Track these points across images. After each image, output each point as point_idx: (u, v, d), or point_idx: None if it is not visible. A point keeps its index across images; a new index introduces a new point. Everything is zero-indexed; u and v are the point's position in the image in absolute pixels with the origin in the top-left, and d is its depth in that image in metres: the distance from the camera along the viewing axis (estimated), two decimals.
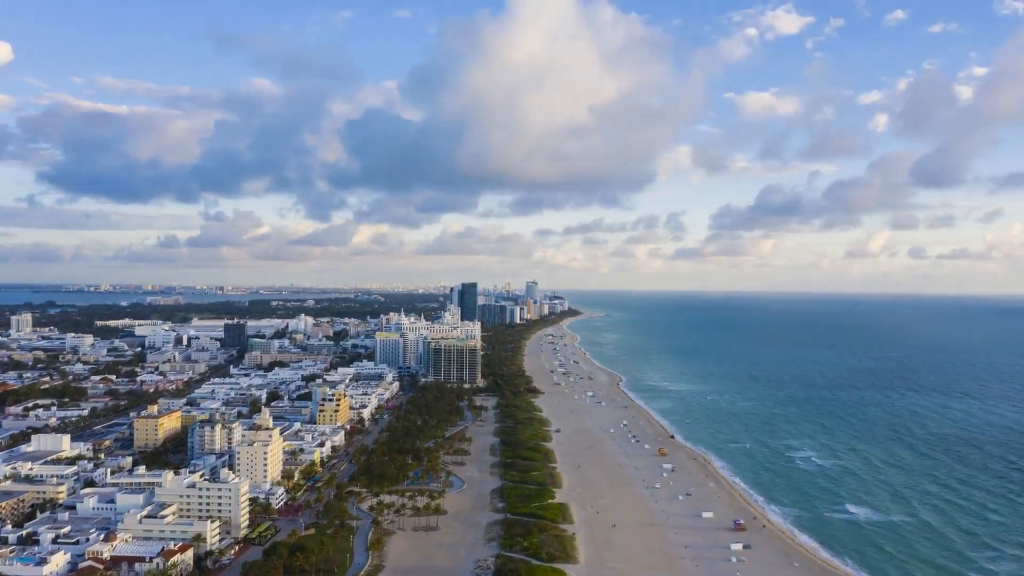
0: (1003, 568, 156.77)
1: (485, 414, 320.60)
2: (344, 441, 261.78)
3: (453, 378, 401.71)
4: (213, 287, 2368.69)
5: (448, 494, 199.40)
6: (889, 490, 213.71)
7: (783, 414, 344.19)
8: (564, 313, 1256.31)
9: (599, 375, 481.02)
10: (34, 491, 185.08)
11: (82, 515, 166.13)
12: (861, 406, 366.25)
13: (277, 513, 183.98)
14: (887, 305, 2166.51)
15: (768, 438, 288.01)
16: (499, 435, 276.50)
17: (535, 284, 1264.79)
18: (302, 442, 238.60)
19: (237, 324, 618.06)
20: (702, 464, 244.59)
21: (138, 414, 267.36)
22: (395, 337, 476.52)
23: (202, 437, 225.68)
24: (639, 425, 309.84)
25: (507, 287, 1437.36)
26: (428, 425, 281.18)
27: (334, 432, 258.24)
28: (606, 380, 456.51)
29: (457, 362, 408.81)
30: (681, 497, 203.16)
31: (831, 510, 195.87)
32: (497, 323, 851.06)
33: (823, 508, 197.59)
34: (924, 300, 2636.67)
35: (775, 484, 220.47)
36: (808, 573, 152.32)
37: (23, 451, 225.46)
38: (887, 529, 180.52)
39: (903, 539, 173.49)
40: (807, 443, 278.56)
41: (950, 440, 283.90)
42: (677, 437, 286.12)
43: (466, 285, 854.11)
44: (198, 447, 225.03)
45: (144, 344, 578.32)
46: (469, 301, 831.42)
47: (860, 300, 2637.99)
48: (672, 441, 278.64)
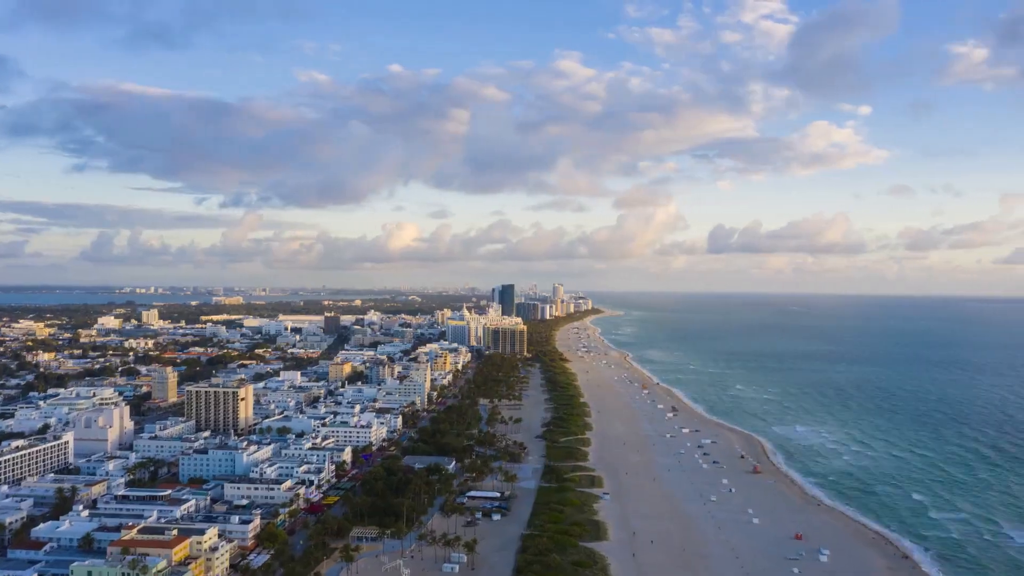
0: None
1: (533, 370, 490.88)
2: (452, 379, 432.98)
3: (508, 351, 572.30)
4: (248, 288, 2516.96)
5: (522, 398, 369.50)
6: (808, 412, 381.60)
7: (728, 373, 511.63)
8: (587, 311, 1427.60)
9: (612, 352, 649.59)
10: (308, 393, 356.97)
11: (348, 396, 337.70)
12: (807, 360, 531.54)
13: (436, 402, 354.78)
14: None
15: (717, 384, 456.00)
16: (544, 379, 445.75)
17: (559, 286, 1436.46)
18: (433, 376, 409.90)
19: (335, 317, 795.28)
20: (668, 391, 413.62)
21: (328, 364, 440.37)
22: (462, 323, 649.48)
23: (378, 371, 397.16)
24: (634, 376, 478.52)
25: (533, 289, 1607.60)
26: (500, 372, 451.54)
27: (446, 374, 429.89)
28: (617, 355, 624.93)
29: (510, 340, 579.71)
30: (649, 402, 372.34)
31: (724, 404, 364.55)
32: (530, 318, 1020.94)
33: (720, 403, 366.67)
34: None
35: (708, 400, 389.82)
36: (703, 423, 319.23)
37: (276, 379, 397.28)
38: (772, 405, 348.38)
39: (767, 412, 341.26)
40: (739, 384, 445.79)
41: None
42: (656, 379, 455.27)
43: (505, 286, 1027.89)
44: (376, 376, 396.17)
45: (263, 332, 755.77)
46: (507, 299, 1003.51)
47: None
48: (652, 382, 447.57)
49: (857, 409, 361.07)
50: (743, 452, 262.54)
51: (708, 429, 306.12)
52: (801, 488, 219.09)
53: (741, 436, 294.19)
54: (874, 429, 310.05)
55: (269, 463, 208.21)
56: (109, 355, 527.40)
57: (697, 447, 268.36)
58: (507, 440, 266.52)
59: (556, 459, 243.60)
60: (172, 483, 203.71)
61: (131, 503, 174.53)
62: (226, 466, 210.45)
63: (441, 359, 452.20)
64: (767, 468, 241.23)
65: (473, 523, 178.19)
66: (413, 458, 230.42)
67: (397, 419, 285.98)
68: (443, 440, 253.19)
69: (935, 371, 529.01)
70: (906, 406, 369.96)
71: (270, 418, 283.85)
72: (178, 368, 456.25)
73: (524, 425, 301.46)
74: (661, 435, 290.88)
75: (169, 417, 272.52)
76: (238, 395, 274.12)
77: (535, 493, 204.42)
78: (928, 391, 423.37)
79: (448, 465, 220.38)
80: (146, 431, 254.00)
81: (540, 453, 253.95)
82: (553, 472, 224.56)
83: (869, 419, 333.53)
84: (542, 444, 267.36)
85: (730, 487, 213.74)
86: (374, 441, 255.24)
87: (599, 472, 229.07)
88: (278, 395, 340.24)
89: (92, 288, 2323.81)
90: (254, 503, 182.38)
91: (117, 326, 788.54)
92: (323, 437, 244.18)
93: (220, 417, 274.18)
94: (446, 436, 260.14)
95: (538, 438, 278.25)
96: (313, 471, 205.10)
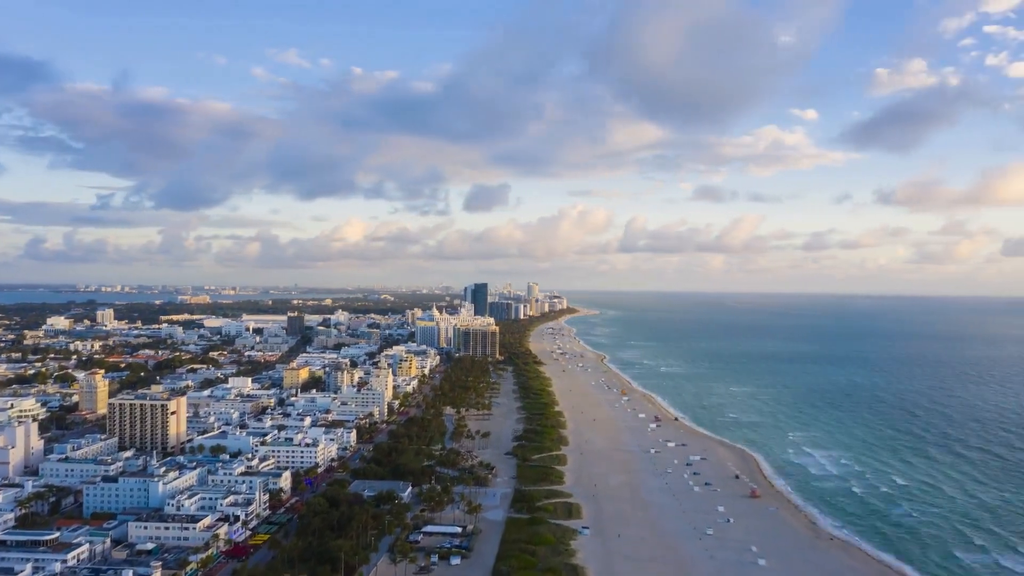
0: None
1: (505, 374, 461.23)
2: (418, 385, 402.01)
3: (479, 354, 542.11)
4: (218, 287, 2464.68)
5: (492, 407, 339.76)
6: (793, 418, 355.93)
7: (700, 373, 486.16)
8: (562, 310, 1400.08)
9: (588, 354, 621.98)
10: (257, 402, 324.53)
11: (298, 407, 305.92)
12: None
13: (398, 412, 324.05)
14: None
15: (689, 385, 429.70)
16: (517, 385, 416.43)
17: (535, 285, 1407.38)
18: (396, 382, 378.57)
19: (298, 317, 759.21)
20: (649, 398, 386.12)
21: (284, 369, 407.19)
22: (431, 324, 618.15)
23: (336, 377, 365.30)
24: (612, 381, 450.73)
25: (508, 288, 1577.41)
26: (469, 377, 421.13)
27: (412, 379, 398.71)
28: (593, 357, 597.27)
29: (481, 342, 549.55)
30: (629, 410, 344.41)
31: (713, 413, 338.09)
32: (504, 318, 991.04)
33: (709, 412, 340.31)
34: None
35: (683, 403, 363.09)
36: (689, 436, 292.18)
37: (224, 387, 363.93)
38: (746, 423, 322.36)
39: (757, 424, 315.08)
40: (716, 385, 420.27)
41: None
42: (635, 384, 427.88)
43: (478, 285, 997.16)
44: (334, 383, 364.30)
45: (222, 332, 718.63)
46: (480, 299, 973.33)
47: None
48: (631, 387, 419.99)
49: (845, 414, 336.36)
50: (737, 471, 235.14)
51: (695, 442, 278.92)
52: (807, 516, 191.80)
53: (731, 451, 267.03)
54: (863, 435, 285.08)
55: (190, 493, 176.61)
56: (49, 359, 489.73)
57: (686, 465, 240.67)
58: (473, 458, 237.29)
59: (528, 482, 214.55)
60: (72, 519, 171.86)
61: (5, 550, 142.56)
62: (138, 497, 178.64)
63: (406, 363, 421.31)
64: (765, 490, 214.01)
65: (427, 570, 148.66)
66: (363, 483, 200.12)
67: (350, 434, 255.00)
68: (400, 460, 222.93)
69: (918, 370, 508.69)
70: (885, 408, 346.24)
71: (208, 434, 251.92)
72: (120, 374, 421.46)
73: (493, 439, 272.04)
74: (645, 450, 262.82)
75: (85, 435, 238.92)
76: (167, 408, 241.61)
77: (503, 527, 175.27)
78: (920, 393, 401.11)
79: (403, 492, 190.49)
80: (56, 451, 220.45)
81: (510, 474, 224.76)
82: (524, 499, 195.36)
83: (856, 424, 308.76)
84: (512, 463, 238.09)
85: (727, 516, 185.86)
86: (321, 462, 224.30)
87: (577, 498, 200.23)
88: (222, 405, 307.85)
89: (57, 286, 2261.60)
90: (163, 546, 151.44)
91: (67, 327, 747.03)
92: (261, 458, 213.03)
93: (148, 433, 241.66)
94: (404, 455, 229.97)
95: (508, 455, 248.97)
96: (241, 503, 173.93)
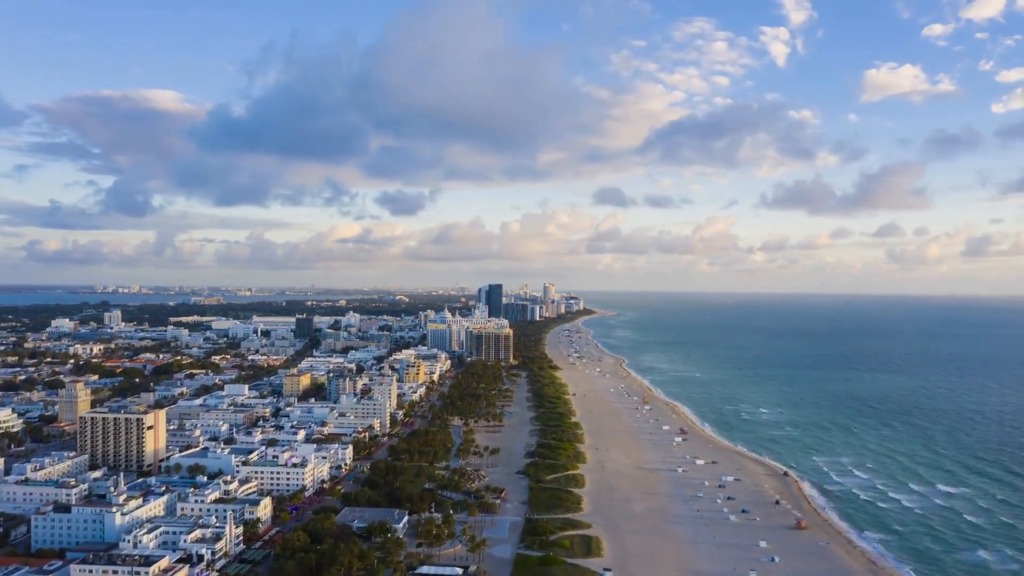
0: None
1: (519, 380, 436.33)
2: (425, 392, 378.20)
3: (492, 358, 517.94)
4: (234, 289, 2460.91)
5: (503, 418, 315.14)
6: (826, 430, 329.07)
7: (730, 380, 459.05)
8: (579, 312, 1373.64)
9: (606, 358, 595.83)
10: (250, 413, 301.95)
11: (294, 418, 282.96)
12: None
13: (401, 424, 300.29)
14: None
15: (713, 394, 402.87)
16: (531, 392, 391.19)
17: (551, 286, 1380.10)
18: (402, 390, 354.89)
19: (307, 319, 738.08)
20: (672, 407, 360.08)
21: (284, 375, 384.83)
22: (442, 327, 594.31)
23: (339, 384, 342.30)
24: (632, 387, 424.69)
25: (524, 289, 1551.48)
26: (481, 384, 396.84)
27: (419, 386, 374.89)
28: (612, 362, 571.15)
29: (494, 346, 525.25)
30: (652, 421, 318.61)
31: (741, 424, 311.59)
32: (518, 320, 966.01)
33: (736, 423, 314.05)
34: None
35: (711, 415, 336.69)
36: (719, 451, 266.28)
37: (218, 394, 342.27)
38: (782, 433, 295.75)
39: (794, 438, 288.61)
40: (749, 397, 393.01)
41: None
42: (657, 391, 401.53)
43: (492, 286, 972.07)
44: (335, 391, 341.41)
45: (229, 335, 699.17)
46: (495, 300, 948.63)
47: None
48: (652, 395, 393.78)
49: (891, 424, 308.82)
50: (776, 495, 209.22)
51: (726, 459, 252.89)
52: (864, 554, 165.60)
53: (767, 470, 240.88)
54: (917, 451, 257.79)
55: (151, 526, 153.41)
56: (45, 363, 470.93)
57: (718, 487, 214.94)
58: (480, 478, 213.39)
59: (541, 508, 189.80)
60: (14, 556, 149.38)
61: None
62: (93, 530, 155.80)
63: (414, 369, 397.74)
64: (811, 519, 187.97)
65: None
66: (353, 511, 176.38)
67: (346, 450, 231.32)
68: (398, 482, 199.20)
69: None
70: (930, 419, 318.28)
71: (191, 450, 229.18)
72: (114, 380, 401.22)
73: (504, 455, 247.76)
74: (671, 468, 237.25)
75: (52, 452, 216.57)
76: (143, 423, 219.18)
77: (511, 566, 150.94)
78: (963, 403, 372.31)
79: (398, 523, 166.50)
80: (15, 471, 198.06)
81: (521, 497, 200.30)
82: (536, 532, 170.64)
83: (908, 437, 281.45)
84: (524, 484, 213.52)
85: (772, 554, 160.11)
86: (309, 484, 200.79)
87: (596, 529, 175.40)
88: (212, 416, 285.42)
89: (75, 288, 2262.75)
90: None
91: (72, 329, 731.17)
92: (242, 481, 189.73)
93: (122, 450, 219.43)
94: (403, 475, 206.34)
95: (519, 475, 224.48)
96: (209, 538, 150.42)
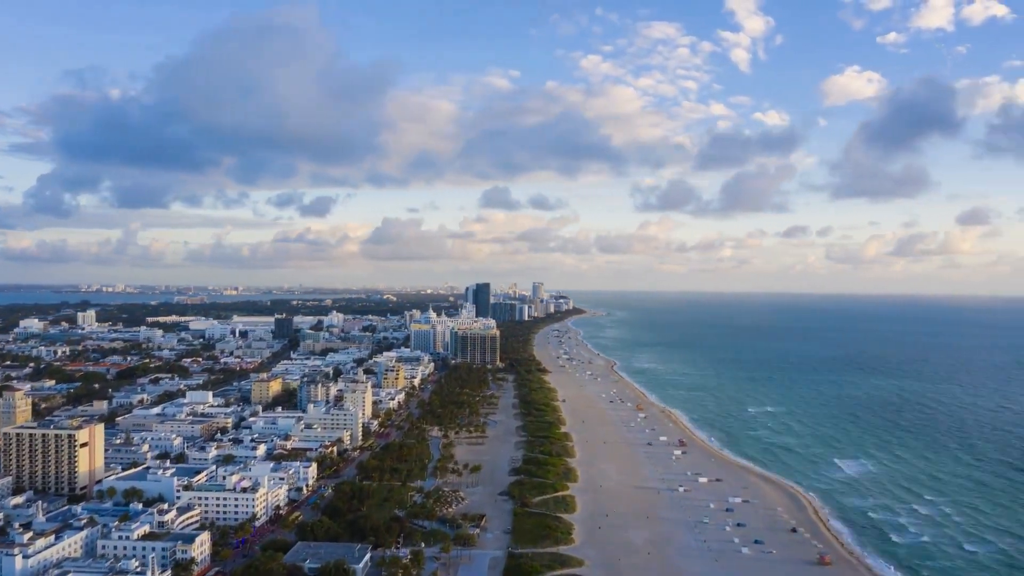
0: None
1: (506, 385, 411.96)
2: (404, 399, 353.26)
3: (477, 360, 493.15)
4: (220, 288, 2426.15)
5: (487, 428, 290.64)
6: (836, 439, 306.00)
7: (721, 383, 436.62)
8: (568, 311, 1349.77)
9: (598, 360, 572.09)
10: (211, 422, 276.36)
11: (256, 431, 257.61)
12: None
13: (375, 435, 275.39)
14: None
15: (713, 398, 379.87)
16: (518, 398, 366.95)
17: (540, 285, 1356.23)
18: (379, 397, 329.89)
19: (287, 319, 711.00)
20: (668, 413, 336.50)
21: (252, 381, 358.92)
22: (426, 328, 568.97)
23: (309, 391, 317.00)
24: (625, 392, 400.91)
25: (513, 288, 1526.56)
26: (464, 389, 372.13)
27: (397, 392, 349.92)
28: (603, 364, 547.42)
29: (480, 347, 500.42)
30: (647, 431, 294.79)
31: (741, 434, 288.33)
32: (507, 320, 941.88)
33: (738, 432, 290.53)
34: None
35: (710, 422, 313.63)
36: (723, 467, 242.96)
37: (182, 402, 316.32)
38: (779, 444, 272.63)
39: (792, 451, 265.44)
40: (752, 400, 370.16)
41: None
42: (651, 396, 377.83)
43: (480, 285, 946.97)
44: (306, 398, 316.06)
45: (205, 336, 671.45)
46: (482, 300, 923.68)
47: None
48: (647, 401, 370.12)
49: (908, 432, 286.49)
50: (792, 520, 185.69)
51: (731, 476, 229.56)
52: None
53: (778, 489, 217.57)
54: (942, 464, 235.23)
55: (59, 572, 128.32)
56: (4, 366, 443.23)
57: (725, 511, 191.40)
58: (458, 500, 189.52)
59: (526, 539, 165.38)
60: None
61: None
62: None
63: (393, 373, 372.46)
64: (835, 552, 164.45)
65: None
66: (308, 547, 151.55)
67: (308, 469, 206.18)
68: (365, 507, 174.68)
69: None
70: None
71: (134, 468, 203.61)
72: (72, 385, 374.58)
73: (486, 472, 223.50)
74: (671, 487, 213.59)
75: None
76: (76, 439, 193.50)
77: None
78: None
79: (358, 562, 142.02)
80: None
81: (504, 526, 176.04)
82: (520, 571, 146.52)
83: (930, 448, 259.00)
84: (508, 508, 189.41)
85: None
86: (261, 512, 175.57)
87: (589, 566, 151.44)
88: (167, 428, 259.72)
89: (60, 287, 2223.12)
90: None
91: (42, 329, 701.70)
92: (181, 509, 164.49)
93: (51, 471, 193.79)
94: (371, 499, 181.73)
95: (503, 496, 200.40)
96: None
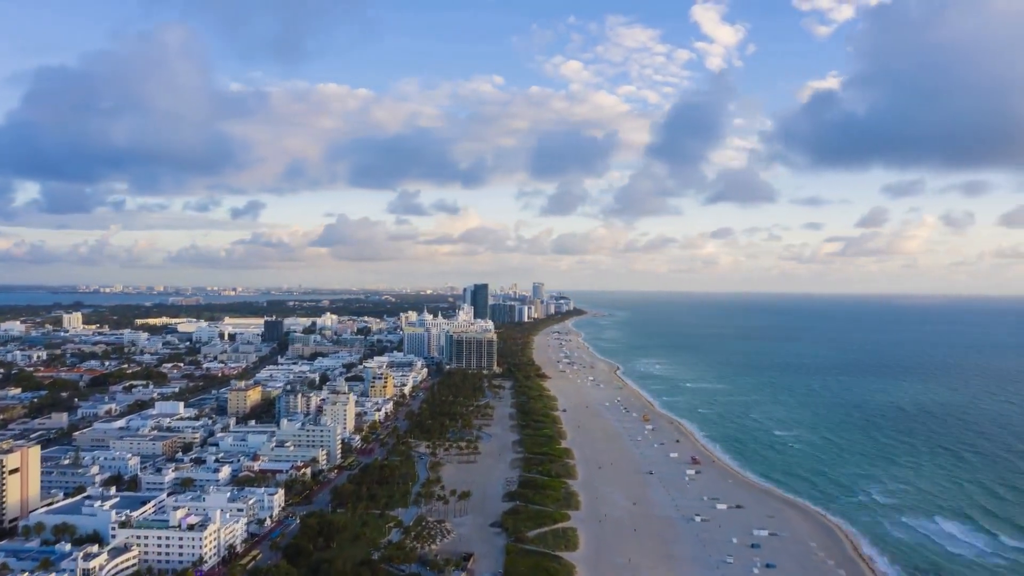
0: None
1: (503, 392, 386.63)
2: (392, 409, 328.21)
3: (473, 365, 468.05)
4: (218, 288, 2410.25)
5: (480, 443, 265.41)
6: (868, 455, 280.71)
7: (740, 391, 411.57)
8: (569, 312, 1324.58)
9: (600, 364, 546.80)
10: (177, 438, 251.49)
11: (223, 448, 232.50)
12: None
13: (356, 452, 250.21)
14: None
15: (725, 407, 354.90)
16: (515, 407, 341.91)
17: (541, 285, 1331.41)
18: (364, 408, 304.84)
19: (276, 321, 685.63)
20: (677, 425, 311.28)
21: (228, 390, 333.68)
22: (420, 331, 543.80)
23: (288, 402, 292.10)
24: (630, 401, 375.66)
25: (513, 288, 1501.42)
26: (458, 399, 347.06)
27: (385, 402, 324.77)
28: (605, 368, 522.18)
29: (476, 352, 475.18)
30: (656, 445, 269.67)
31: (758, 449, 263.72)
32: (506, 321, 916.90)
33: (752, 447, 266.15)
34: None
35: (724, 436, 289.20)
36: (743, 490, 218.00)
37: (150, 413, 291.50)
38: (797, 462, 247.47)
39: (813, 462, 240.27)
40: (758, 406, 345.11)
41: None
42: (657, 406, 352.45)
43: (478, 286, 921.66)
44: (285, 410, 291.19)
45: (192, 339, 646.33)
46: (480, 300, 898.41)
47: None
48: (654, 410, 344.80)
49: (953, 449, 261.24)
50: (828, 558, 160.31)
51: (754, 501, 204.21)
52: None
53: (808, 518, 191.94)
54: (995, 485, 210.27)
55: None
56: None
57: (751, 547, 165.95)
58: (444, 533, 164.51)
59: None
60: None
61: None
62: None
63: (381, 381, 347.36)
64: None
65: None
66: None
67: (274, 496, 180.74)
68: (334, 544, 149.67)
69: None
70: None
71: (71, 499, 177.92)
72: (37, 393, 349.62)
73: (477, 498, 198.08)
74: (687, 516, 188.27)
75: None
76: (4, 465, 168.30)
77: None
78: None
79: None
80: None
81: (495, 567, 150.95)
82: None
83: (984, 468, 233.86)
84: (500, 543, 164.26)
85: None
86: (210, 553, 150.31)
87: None
88: (126, 444, 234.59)
89: (57, 288, 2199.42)
90: None
91: (23, 332, 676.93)
92: (115, 551, 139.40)
93: None
94: (341, 534, 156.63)
95: (494, 528, 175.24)
96: None
